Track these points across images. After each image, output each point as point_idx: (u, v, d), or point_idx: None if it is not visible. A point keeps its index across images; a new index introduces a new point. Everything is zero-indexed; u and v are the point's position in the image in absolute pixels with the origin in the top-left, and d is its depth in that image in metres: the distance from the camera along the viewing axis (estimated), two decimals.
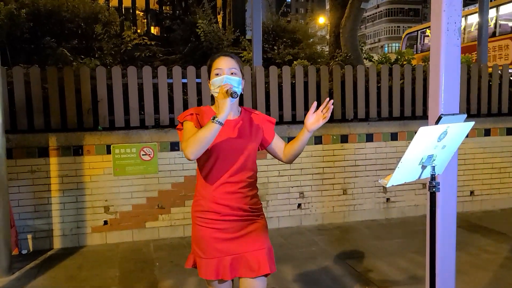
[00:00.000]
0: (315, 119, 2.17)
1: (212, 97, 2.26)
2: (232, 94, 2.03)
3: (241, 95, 2.15)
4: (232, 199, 2.18)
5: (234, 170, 2.18)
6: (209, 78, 2.25)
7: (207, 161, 2.19)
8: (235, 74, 2.18)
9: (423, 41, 16.67)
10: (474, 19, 13.31)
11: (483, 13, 7.17)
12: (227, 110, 2.02)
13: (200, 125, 2.17)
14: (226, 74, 2.16)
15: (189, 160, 2.08)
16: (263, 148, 2.37)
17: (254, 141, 2.26)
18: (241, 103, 5.35)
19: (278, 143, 2.36)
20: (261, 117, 2.36)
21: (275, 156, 2.40)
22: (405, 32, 19.69)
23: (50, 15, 7.07)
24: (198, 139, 2.03)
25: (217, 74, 2.18)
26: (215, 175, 2.19)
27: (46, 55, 6.45)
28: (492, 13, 11.86)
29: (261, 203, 2.36)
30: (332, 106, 2.14)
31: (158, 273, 4.14)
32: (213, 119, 2.01)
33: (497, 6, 12.53)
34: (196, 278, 3.97)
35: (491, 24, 12.15)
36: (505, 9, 12.75)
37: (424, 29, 17.05)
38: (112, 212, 4.99)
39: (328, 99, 2.16)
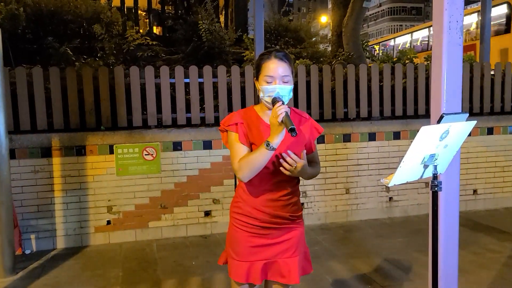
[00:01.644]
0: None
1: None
2: (291, 131, 1.84)
3: (243, 95, 2.14)
4: (273, 206, 2.12)
5: (278, 178, 2.10)
6: (256, 78, 2.11)
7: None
8: (287, 82, 2.03)
9: None
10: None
11: (485, 11, 7.15)
12: (281, 136, 1.92)
13: (246, 137, 2.07)
14: (278, 84, 2.01)
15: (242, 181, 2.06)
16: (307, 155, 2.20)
17: (300, 148, 2.11)
18: (243, 104, 5.38)
19: (310, 159, 2.19)
20: (310, 123, 2.21)
21: None
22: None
23: (52, 15, 7.10)
24: (250, 164, 1.98)
25: (269, 82, 2.02)
26: (258, 182, 2.10)
27: (48, 55, 6.47)
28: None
29: (302, 210, 2.28)
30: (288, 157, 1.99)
31: (161, 273, 4.14)
32: (267, 145, 1.92)
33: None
34: (199, 278, 3.98)
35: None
36: None
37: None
38: (115, 212, 5.00)
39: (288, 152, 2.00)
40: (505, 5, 12.26)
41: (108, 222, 4.99)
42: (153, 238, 5.10)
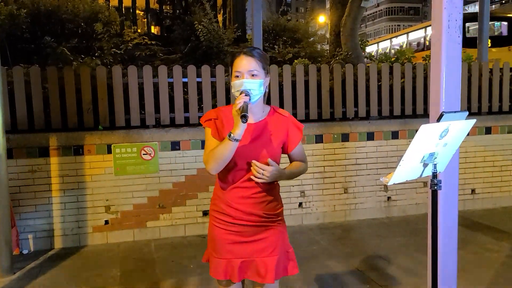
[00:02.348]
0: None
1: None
2: (242, 118, 1.90)
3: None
4: (245, 204, 2.13)
5: (248, 176, 2.11)
6: (231, 75, 2.16)
7: (221, 169, 2.11)
8: (255, 76, 2.06)
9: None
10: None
11: (483, 13, 7.16)
12: (242, 128, 1.95)
13: (218, 131, 2.12)
14: (245, 78, 2.05)
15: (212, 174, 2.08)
16: (285, 153, 2.24)
17: (276, 146, 2.14)
18: None
19: (293, 158, 2.24)
20: (289, 120, 2.22)
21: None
22: None
23: (50, 15, 7.08)
24: (216, 156, 2.01)
25: (237, 77, 2.07)
26: (230, 178, 2.14)
27: (46, 54, 6.45)
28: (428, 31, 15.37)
29: (282, 208, 2.27)
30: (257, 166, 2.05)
31: (159, 273, 4.13)
32: (229, 136, 1.96)
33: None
34: (197, 278, 3.97)
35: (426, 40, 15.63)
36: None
37: None
38: (113, 212, 4.98)
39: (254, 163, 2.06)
40: (422, 30, 16.52)
41: (106, 222, 4.98)
42: (151, 238, 5.09)
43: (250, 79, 2.06)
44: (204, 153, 2.11)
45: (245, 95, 1.99)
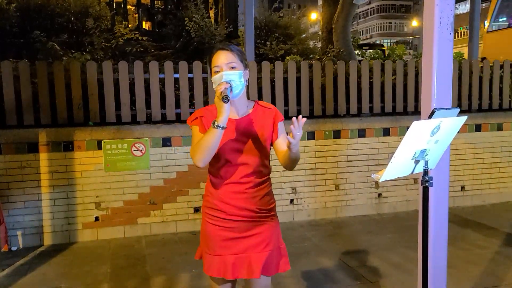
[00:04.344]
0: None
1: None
2: (223, 98, 1.92)
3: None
4: (238, 199, 2.12)
5: (240, 171, 2.11)
6: (210, 73, 2.17)
7: (215, 160, 2.11)
8: (234, 68, 2.08)
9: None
10: None
11: (474, 11, 7.21)
12: (225, 113, 1.94)
13: (206, 128, 2.10)
14: (224, 70, 2.05)
15: (199, 167, 2.04)
16: (272, 144, 2.23)
17: (265, 140, 2.16)
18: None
19: (279, 144, 2.18)
20: (274, 112, 2.22)
21: (277, 156, 2.24)
22: None
23: (39, 9, 6.99)
24: (202, 146, 1.99)
25: (216, 72, 2.08)
26: (222, 174, 2.13)
27: (35, 49, 6.38)
28: None
29: (274, 203, 2.27)
30: (302, 122, 1.89)
31: (150, 270, 4.11)
32: (213, 124, 1.95)
33: None
34: (188, 274, 3.96)
35: None
36: None
37: None
38: (104, 208, 4.95)
39: (300, 116, 1.93)
40: None
41: (96, 219, 4.94)
42: (142, 234, 5.06)
43: (229, 71, 2.06)
44: (191, 149, 2.10)
45: (226, 83, 2.00)
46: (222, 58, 2.09)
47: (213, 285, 2.27)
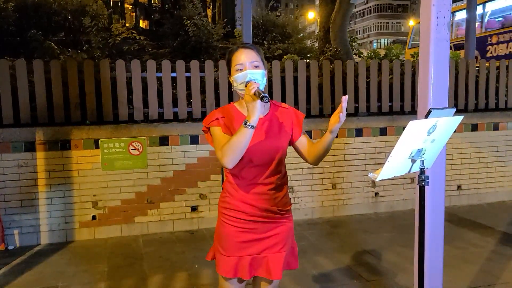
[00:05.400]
0: (335, 119, 2.02)
1: (234, 93, 2.15)
2: (262, 98, 1.87)
3: (231, 90, 2.13)
4: (261, 200, 2.11)
5: (263, 172, 2.10)
6: (229, 73, 2.13)
7: (237, 162, 2.06)
8: (258, 67, 2.06)
9: None
10: None
11: (471, 10, 7.23)
12: (258, 112, 1.91)
13: (229, 129, 2.08)
14: (248, 69, 2.03)
15: (227, 169, 2.02)
16: (291, 144, 2.23)
17: (284, 140, 2.15)
18: (230, 99, 5.35)
19: (303, 141, 2.21)
20: (291, 111, 2.22)
21: (300, 155, 2.26)
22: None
23: (37, 8, 6.98)
24: (233, 146, 1.95)
25: (240, 70, 2.05)
26: (244, 176, 2.11)
27: (32, 48, 6.37)
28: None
29: (291, 204, 2.27)
30: (345, 102, 1.97)
31: (147, 268, 4.12)
32: (245, 124, 1.91)
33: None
34: (185, 273, 3.96)
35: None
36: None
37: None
38: (101, 207, 4.94)
39: (345, 96, 1.99)
40: None
41: (94, 217, 4.94)
42: (139, 233, 5.06)
43: (253, 70, 2.04)
44: (218, 150, 2.03)
45: (254, 82, 1.97)
46: (246, 57, 2.06)
47: (225, 286, 2.23)
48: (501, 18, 12.34)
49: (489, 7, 13.13)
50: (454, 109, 2.15)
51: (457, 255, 4.27)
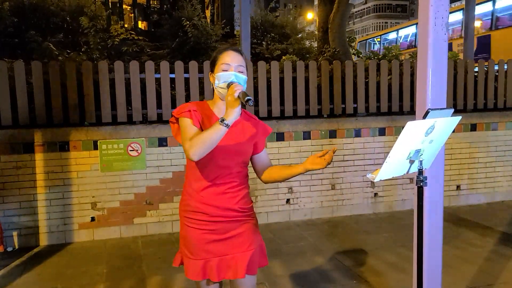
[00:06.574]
0: (317, 162, 2.02)
1: (213, 90, 2.16)
2: (248, 101, 1.87)
3: None
4: (221, 199, 2.11)
5: (225, 172, 2.11)
6: (211, 70, 2.14)
7: (200, 160, 2.04)
8: (242, 72, 2.08)
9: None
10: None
11: (469, 10, 7.23)
12: (236, 114, 1.91)
13: (199, 124, 2.07)
14: (234, 71, 2.05)
15: (192, 161, 1.99)
16: (255, 154, 2.25)
17: (250, 146, 2.18)
18: None
19: (263, 157, 2.25)
20: (259, 124, 2.25)
21: (254, 169, 2.28)
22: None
23: (35, 9, 6.98)
24: (204, 140, 1.93)
25: (225, 70, 2.06)
26: (206, 175, 2.11)
27: (31, 49, 6.37)
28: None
29: (252, 202, 2.28)
30: (333, 154, 1.99)
31: (146, 270, 4.11)
32: (221, 121, 1.91)
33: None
34: (184, 275, 3.95)
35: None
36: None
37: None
38: (100, 209, 4.94)
39: (334, 148, 2.00)
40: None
41: (92, 219, 4.93)
42: (138, 234, 5.06)
43: (238, 74, 2.07)
44: (185, 140, 2.00)
45: (238, 85, 1.98)
46: (233, 59, 2.08)
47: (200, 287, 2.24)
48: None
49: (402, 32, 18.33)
50: (452, 110, 2.15)
51: (456, 255, 4.27)
